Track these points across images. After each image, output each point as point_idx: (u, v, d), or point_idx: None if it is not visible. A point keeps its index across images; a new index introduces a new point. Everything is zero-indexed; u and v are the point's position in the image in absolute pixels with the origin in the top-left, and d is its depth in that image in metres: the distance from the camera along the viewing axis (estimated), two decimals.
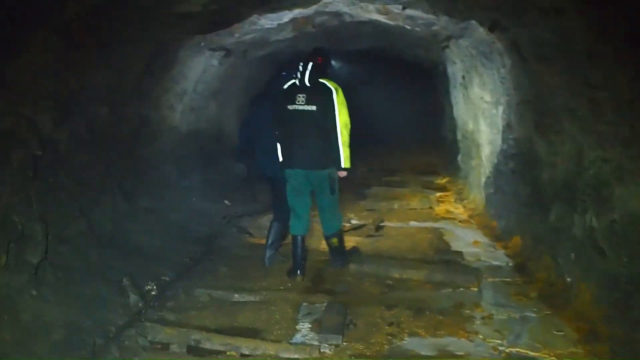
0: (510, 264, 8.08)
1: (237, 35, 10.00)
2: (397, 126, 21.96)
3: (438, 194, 13.14)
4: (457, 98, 13.26)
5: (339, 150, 7.17)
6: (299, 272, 7.52)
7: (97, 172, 7.37)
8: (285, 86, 7.41)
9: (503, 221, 9.44)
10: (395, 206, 11.79)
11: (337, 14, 10.72)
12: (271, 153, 7.63)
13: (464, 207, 11.70)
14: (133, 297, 6.33)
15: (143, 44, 7.76)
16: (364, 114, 20.93)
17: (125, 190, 8.47)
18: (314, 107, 7.15)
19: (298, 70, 7.26)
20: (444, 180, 14.85)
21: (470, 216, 10.91)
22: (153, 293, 6.75)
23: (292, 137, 7.33)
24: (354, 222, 10.75)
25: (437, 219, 10.95)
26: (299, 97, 7.21)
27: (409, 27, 10.77)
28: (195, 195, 10.93)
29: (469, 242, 9.29)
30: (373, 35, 13.11)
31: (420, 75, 18.54)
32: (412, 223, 10.57)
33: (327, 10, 10.31)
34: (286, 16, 9.73)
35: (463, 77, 12.00)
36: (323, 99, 7.14)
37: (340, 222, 8.01)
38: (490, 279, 7.53)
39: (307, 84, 7.21)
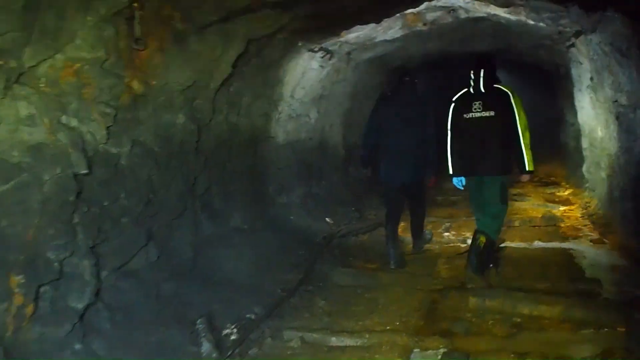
0: None
1: (337, 32, 8.65)
2: None
3: (562, 208, 11.48)
4: (583, 102, 11.58)
5: (521, 154, 6.92)
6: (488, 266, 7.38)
7: (173, 189, 6.03)
8: (457, 95, 7.24)
9: None
10: (516, 223, 10.10)
11: (451, 9, 9.28)
12: (396, 160, 7.83)
13: (594, 223, 9.96)
14: (206, 346, 4.95)
15: (228, 40, 6.42)
16: None
17: (212, 209, 7.17)
18: (492, 113, 6.97)
19: (470, 78, 7.06)
20: (567, 193, 13.12)
21: (603, 234, 9.17)
22: (233, 337, 5.33)
23: (471, 145, 7.11)
24: (469, 241, 9.22)
25: (564, 237, 9.27)
26: (475, 104, 7.04)
27: (532, 22, 9.23)
28: (294, 212, 9.57)
29: (605, 266, 7.65)
30: (490, 35, 11.66)
31: (538, 79, 16.86)
32: (537, 243, 8.92)
33: (439, 4, 8.87)
34: (394, 11, 8.33)
35: (591, 79, 10.35)
36: (501, 103, 6.95)
37: (499, 232, 7.70)
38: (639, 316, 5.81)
39: (483, 91, 7.01)
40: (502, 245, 8.73)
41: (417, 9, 8.72)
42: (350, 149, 12.72)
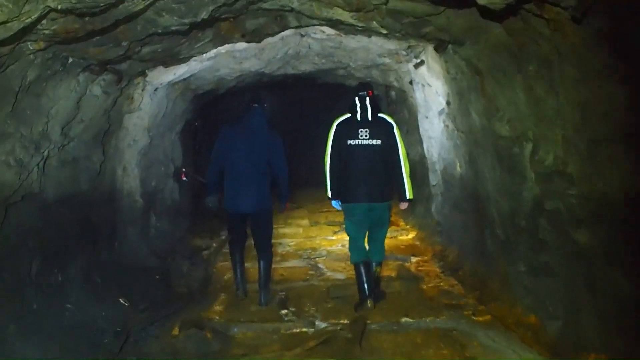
0: None
1: (124, 43, 5.83)
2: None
3: (414, 260, 9.29)
4: (432, 131, 9.58)
5: (403, 183, 7.01)
6: (369, 303, 6.98)
7: None
8: (340, 121, 7.09)
9: (558, 323, 5.68)
10: None
11: (279, 14, 6.92)
12: (241, 188, 7.24)
13: (462, 283, 7.87)
14: None
15: None
16: (295, 153, 17.54)
17: None
18: (379, 141, 6.95)
19: (354, 104, 6.99)
20: (410, 236, 11.04)
21: (482, 301, 7.11)
22: None
23: (355, 172, 6.99)
24: (318, 323, 6.74)
25: (436, 309, 7.01)
26: (362, 132, 6.95)
27: (384, 32, 7.15)
28: (73, 295, 6.59)
29: None
30: (318, 53, 9.49)
31: None
32: (406, 321, 6.63)
33: (265, 6, 6.43)
34: (202, 12, 5.67)
35: (448, 103, 8.32)
36: (386, 133, 6.97)
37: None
38: None
39: (369, 119, 6.99)
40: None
41: (235, 9, 6.20)
42: (150, 196, 9.89)
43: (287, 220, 12.77)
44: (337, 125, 7.05)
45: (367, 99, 6.97)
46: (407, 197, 7.03)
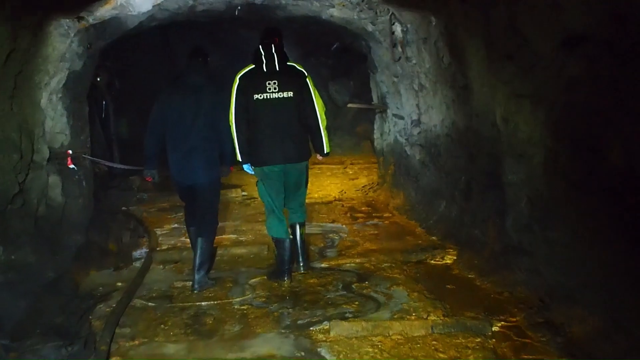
0: None
1: None
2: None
3: (496, 326, 4.79)
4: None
5: (320, 137, 6.10)
6: (286, 278, 6.03)
7: None
8: (243, 73, 5.99)
9: None
10: None
11: None
12: (183, 156, 6.03)
13: None
14: None
15: None
16: None
17: None
18: (290, 94, 6.00)
19: (259, 54, 5.94)
20: (448, 261, 6.81)
21: None
22: None
23: (266, 130, 5.98)
24: None
25: None
26: (269, 84, 5.94)
27: None
28: None
29: None
30: None
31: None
32: None
33: None
34: None
35: None
36: (298, 83, 6.01)
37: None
38: None
39: (277, 69, 5.94)
40: None
41: None
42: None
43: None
44: (240, 79, 6.00)
45: (273, 46, 5.91)
46: (325, 152, 6.20)
